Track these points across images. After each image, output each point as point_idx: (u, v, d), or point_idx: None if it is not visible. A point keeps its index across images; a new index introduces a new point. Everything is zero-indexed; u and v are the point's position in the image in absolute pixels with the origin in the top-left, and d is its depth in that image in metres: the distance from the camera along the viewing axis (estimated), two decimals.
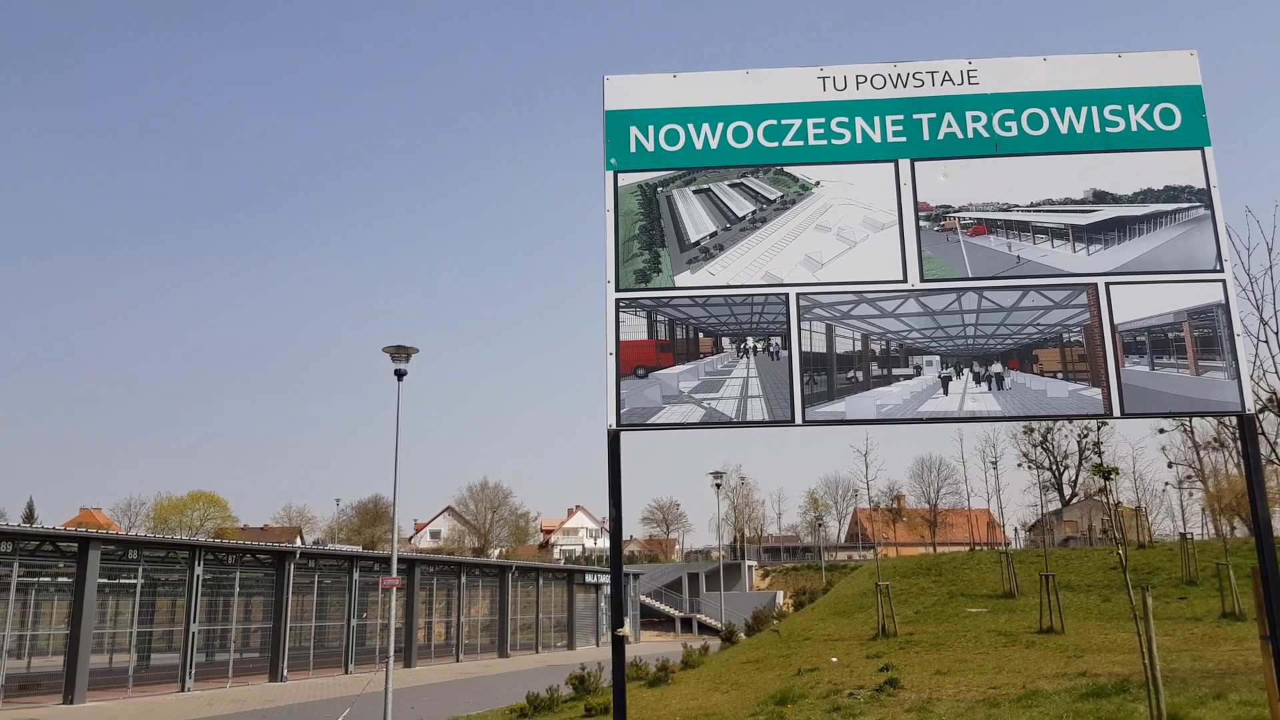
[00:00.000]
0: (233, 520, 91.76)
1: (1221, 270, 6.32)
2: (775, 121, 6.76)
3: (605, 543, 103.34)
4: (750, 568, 78.56)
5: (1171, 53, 6.78)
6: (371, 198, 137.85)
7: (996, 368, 6.23)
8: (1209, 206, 6.44)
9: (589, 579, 55.93)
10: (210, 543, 30.99)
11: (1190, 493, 52.04)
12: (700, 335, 6.43)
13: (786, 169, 6.71)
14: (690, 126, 6.79)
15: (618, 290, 6.52)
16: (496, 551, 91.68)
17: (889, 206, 6.56)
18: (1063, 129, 6.62)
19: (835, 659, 17.28)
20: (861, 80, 6.77)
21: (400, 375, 19.06)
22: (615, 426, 6.27)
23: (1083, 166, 6.55)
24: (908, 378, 6.27)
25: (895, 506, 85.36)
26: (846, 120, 6.71)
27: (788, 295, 6.44)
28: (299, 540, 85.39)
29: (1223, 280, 6.30)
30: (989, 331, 6.28)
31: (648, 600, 68.87)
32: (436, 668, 37.02)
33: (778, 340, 6.37)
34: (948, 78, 6.74)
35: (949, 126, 6.66)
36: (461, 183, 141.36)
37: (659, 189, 6.72)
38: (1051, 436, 66.08)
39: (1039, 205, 6.50)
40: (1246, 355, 6.22)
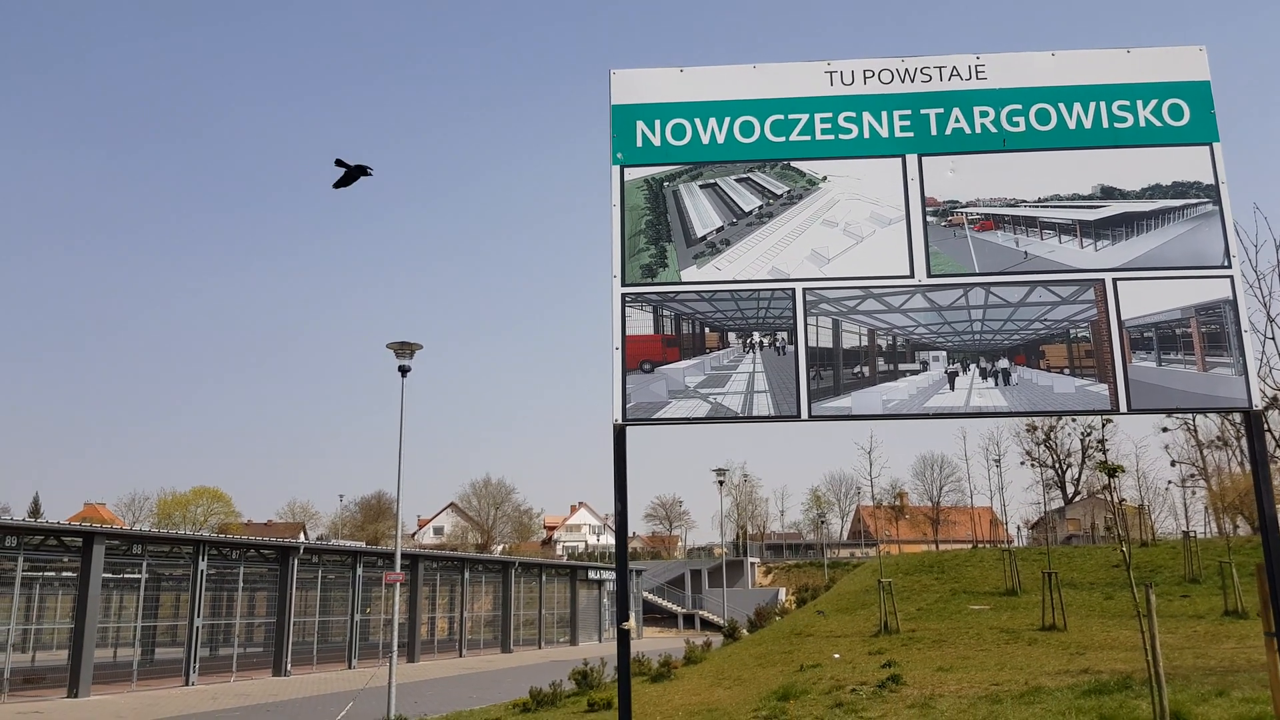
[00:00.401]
0: (236, 516, 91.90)
1: (1229, 266, 6.31)
2: (782, 116, 6.75)
3: (608, 539, 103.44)
4: (753, 564, 78.60)
5: (1180, 48, 6.76)
6: (376, 194, 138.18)
7: (1003, 363, 6.22)
8: (1217, 202, 6.43)
9: (592, 575, 55.97)
10: (214, 538, 31.05)
11: (1193, 491, 51.98)
12: (706, 330, 6.43)
13: (793, 164, 6.70)
14: (697, 121, 6.79)
15: (624, 285, 6.52)
16: (499, 548, 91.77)
17: (896, 201, 6.55)
18: (1071, 124, 6.61)
19: (838, 655, 17.29)
20: (869, 75, 6.76)
21: (404, 371, 19.08)
22: (621, 421, 6.27)
23: (1091, 162, 6.54)
24: (914, 373, 6.26)
25: (898, 504, 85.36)
26: (854, 115, 6.70)
27: (794, 290, 6.43)
28: (302, 536, 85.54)
29: (1231, 276, 6.29)
30: (996, 327, 6.28)
31: (650, 597, 68.91)
32: (440, 663, 37.09)
33: (784, 335, 6.37)
34: (956, 73, 6.73)
35: (957, 122, 6.65)
36: (466, 178, 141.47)
37: (665, 184, 6.71)
38: (1054, 434, 66.01)
39: (1047, 201, 6.49)
40: (1254, 351, 6.21)
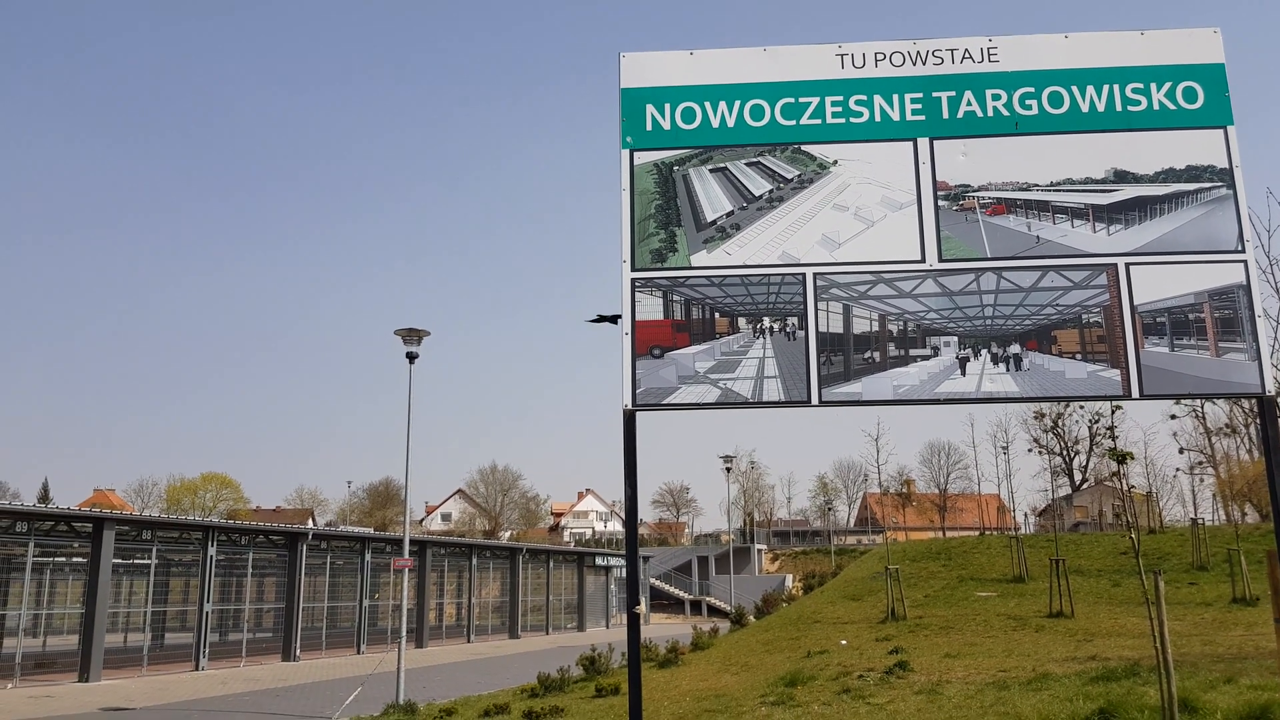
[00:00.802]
0: (245, 502, 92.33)
1: (1243, 251, 6.26)
2: (793, 99, 6.71)
3: (615, 526, 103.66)
4: (759, 551, 78.72)
5: (1194, 30, 6.69)
6: (384, 180, 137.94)
7: (1015, 348, 6.19)
8: (1231, 186, 6.38)
9: (599, 561, 56.11)
10: (223, 524, 31.19)
11: (1201, 478, 51.90)
12: (716, 315, 6.41)
13: (804, 147, 6.66)
14: (707, 104, 6.75)
15: (634, 270, 6.50)
16: (507, 534, 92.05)
17: (907, 186, 6.51)
18: (1084, 107, 6.55)
19: (845, 642, 17.32)
20: (880, 58, 6.71)
21: (412, 358, 19.07)
22: (631, 406, 6.26)
23: (1104, 145, 6.49)
24: (925, 358, 6.24)
25: (905, 491, 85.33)
26: (865, 98, 6.65)
27: (805, 275, 6.41)
28: (311, 522, 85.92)
29: (1244, 261, 6.25)
30: (1007, 312, 6.25)
31: (657, 583, 69.09)
32: (448, 648, 37.26)
33: (794, 320, 6.34)
34: (968, 55, 6.68)
35: (969, 105, 6.60)
36: (474, 164, 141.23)
37: (675, 168, 6.68)
38: (1063, 421, 65.88)
39: (1059, 185, 6.45)
40: (1267, 337, 6.17)
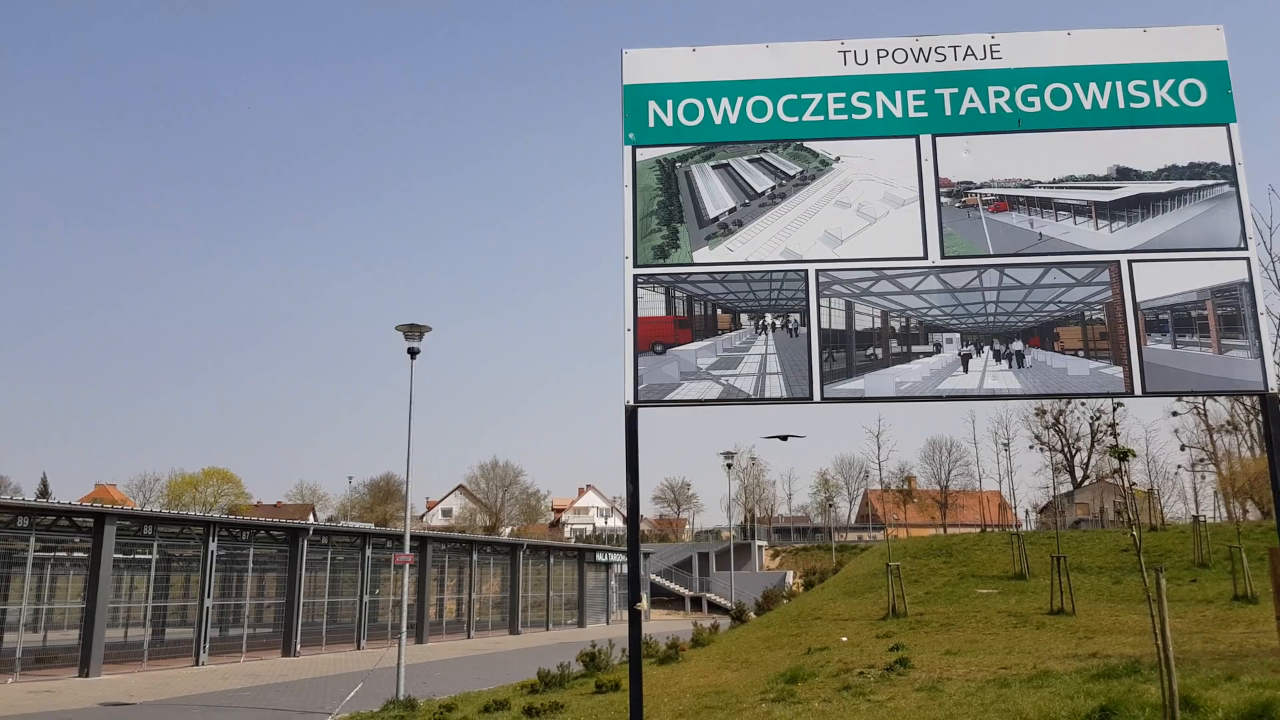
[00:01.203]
0: (246, 497, 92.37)
1: (1246, 248, 6.26)
2: (795, 96, 6.71)
3: (615, 522, 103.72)
4: (760, 548, 78.77)
5: (1197, 27, 6.69)
6: (384, 173, 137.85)
7: (1017, 345, 6.19)
8: (1234, 184, 6.38)
9: (600, 558, 56.15)
10: (224, 519, 31.19)
11: (1203, 475, 51.86)
12: (719, 312, 6.41)
13: (806, 144, 6.66)
14: (709, 101, 6.75)
15: (636, 266, 6.50)
16: (507, 530, 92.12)
17: (910, 182, 6.51)
18: (1086, 104, 6.55)
19: (845, 638, 17.34)
20: (883, 54, 6.70)
21: (413, 354, 19.06)
22: (633, 402, 6.27)
23: (1106, 142, 6.49)
24: (927, 355, 6.24)
25: (906, 488, 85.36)
26: (867, 95, 6.65)
27: (807, 272, 6.41)
28: (311, 517, 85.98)
29: (1247, 258, 6.25)
30: (1010, 309, 6.25)
31: (658, 579, 69.14)
32: (448, 644, 37.30)
33: (796, 317, 6.35)
34: (970, 52, 6.67)
35: (971, 101, 6.60)
36: (476, 159, 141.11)
37: (678, 164, 6.68)
38: (1064, 418, 65.90)
39: (1062, 182, 6.44)
40: (1270, 334, 6.18)
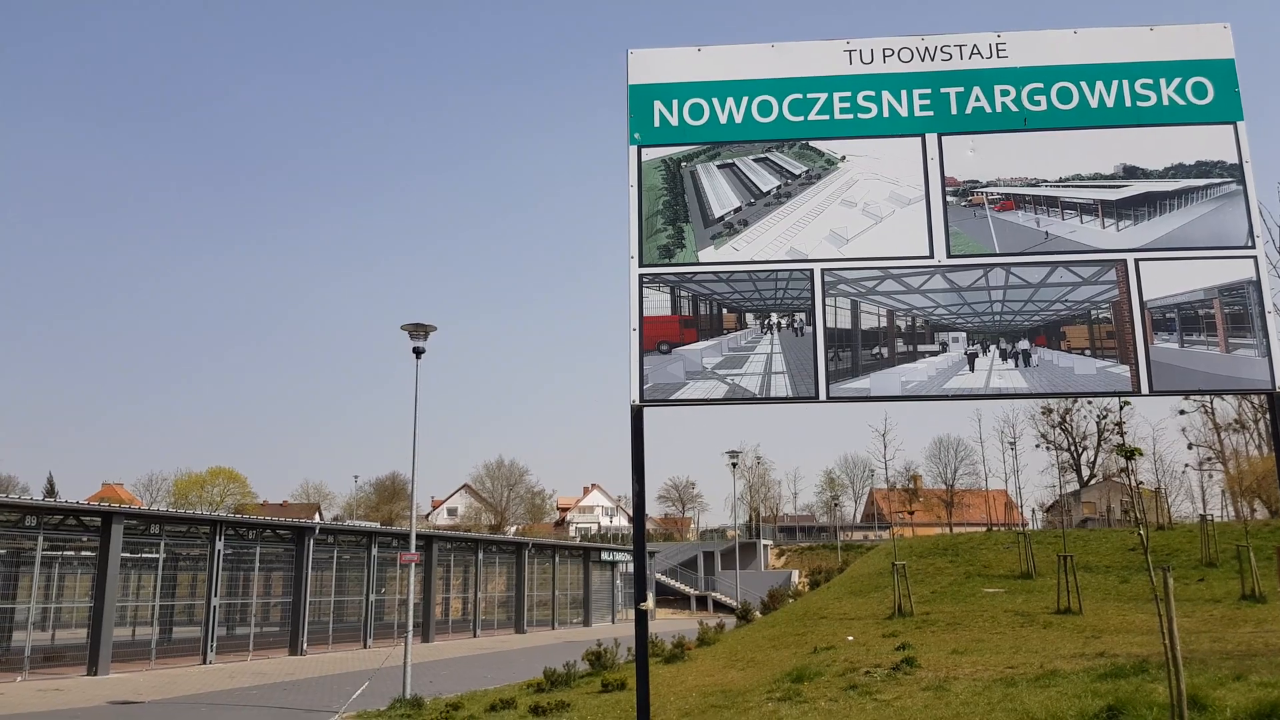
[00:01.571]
0: (252, 496, 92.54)
1: (1253, 247, 6.24)
2: (801, 95, 6.70)
3: (620, 521, 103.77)
4: (765, 547, 78.71)
5: (1204, 26, 6.67)
6: (387, 171, 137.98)
7: (1023, 344, 6.18)
8: (1241, 182, 6.36)
9: (605, 557, 56.16)
10: (231, 518, 31.27)
11: (1210, 474, 51.73)
12: (724, 311, 6.41)
13: (812, 143, 6.65)
14: (715, 101, 6.75)
15: (641, 266, 6.50)
16: (513, 529, 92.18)
17: (916, 181, 6.50)
18: (1093, 103, 6.54)
19: (851, 638, 17.32)
20: (889, 53, 6.69)
21: (418, 353, 19.08)
22: (639, 402, 6.27)
23: (1113, 141, 6.47)
24: (933, 354, 6.23)
25: (912, 486, 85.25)
26: (873, 94, 6.64)
27: (812, 271, 6.40)
28: (317, 516, 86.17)
29: (1254, 257, 6.23)
30: (1016, 308, 6.24)
31: (663, 578, 69.13)
32: (454, 643, 37.35)
33: (802, 316, 6.34)
34: (976, 51, 6.66)
35: (977, 100, 6.59)
36: (482, 158, 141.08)
37: (683, 164, 6.68)
38: (1070, 417, 65.75)
39: (1068, 180, 6.43)
40: (1277, 333, 6.15)
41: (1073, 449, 69.84)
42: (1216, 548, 23.05)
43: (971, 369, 6.18)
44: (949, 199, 6.46)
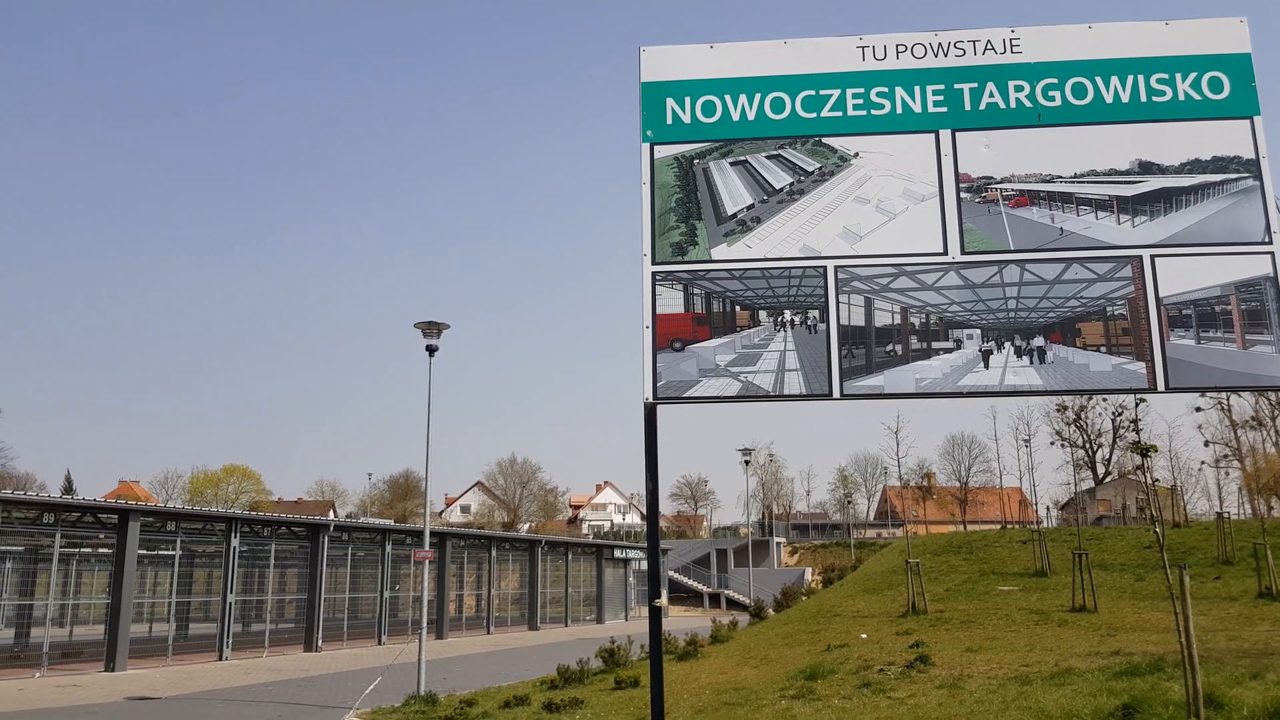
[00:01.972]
0: (267, 494, 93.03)
1: (1270, 242, 6.20)
2: (814, 92, 6.69)
3: (633, 518, 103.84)
4: (779, 544, 78.63)
5: (1220, 20, 6.63)
6: (398, 170, 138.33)
7: (1038, 341, 6.16)
8: (1258, 177, 6.32)
9: (618, 554, 56.23)
10: (246, 515, 31.46)
11: (1227, 472, 51.43)
12: (737, 308, 6.41)
13: (825, 140, 6.64)
14: (727, 98, 6.74)
15: (654, 263, 6.51)
16: (526, 526, 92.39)
17: (929, 178, 6.48)
18: (1108, 98, 6.50)
19: (865, 635, 17.29)
20: (902, 49, 6.67)
21: (432, 351, 19.13)
22: (652, 399, 6.28)
23: (1128, 137, 6.44)
24: (948, 351, 6.22)
25: (925, 484, 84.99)
26: (886, 90, 6.63)
27: (826, 268, 6.39)
28: (332, 513, 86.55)
29: (1272, 252, 6.19)
30: (1031, 304, 6.21)
31: (676, 576, 69.15)
32: (468, 639, 37.48)
33: (815, 313, 6.34)
34: (990, 46, 6.63)
35: (991, 96, 6.56)
36: (495, 155, 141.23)
37: (696, 161, 6.68)
38: (1085, 414, 65.45)
39: (1083, 176, 6.40)
40: None
41: (1088, 446, 69.53)
42: (1233, 545, 22.88)
43: (986, 366, 6.16)
44: (963, 195, 6.44)
